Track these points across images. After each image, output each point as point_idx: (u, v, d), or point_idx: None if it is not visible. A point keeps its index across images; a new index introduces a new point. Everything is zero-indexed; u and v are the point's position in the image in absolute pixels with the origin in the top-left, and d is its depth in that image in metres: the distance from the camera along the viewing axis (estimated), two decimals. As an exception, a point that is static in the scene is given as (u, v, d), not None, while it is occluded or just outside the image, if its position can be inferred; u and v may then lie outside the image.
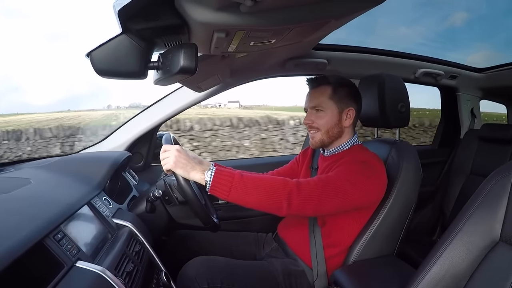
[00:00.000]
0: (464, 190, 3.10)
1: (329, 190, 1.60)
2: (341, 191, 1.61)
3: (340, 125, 1.86)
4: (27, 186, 1.48)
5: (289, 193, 1.55)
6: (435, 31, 53.30)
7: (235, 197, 1.56)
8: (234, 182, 1.54)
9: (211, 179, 1.54)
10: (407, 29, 66.18)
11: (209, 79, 2.02)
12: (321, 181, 1.62)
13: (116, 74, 1.06)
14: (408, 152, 1.89)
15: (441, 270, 1.25)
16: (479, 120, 3.63)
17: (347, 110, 1.85)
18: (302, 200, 1.57)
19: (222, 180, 1.54)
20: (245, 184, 1.55)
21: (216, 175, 1.54)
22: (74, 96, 77.38)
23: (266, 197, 1.56)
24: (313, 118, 1.86)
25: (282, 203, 1.55)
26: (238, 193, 1.55)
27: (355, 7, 1.15)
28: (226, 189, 1.54)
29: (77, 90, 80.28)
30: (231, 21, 1.04)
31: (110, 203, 1.75)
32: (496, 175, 1.26)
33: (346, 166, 1.69)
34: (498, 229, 1.21)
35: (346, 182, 1.62)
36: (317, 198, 1.58)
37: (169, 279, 1.67)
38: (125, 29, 1.00)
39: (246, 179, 1.57)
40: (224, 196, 1.56)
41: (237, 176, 1.56)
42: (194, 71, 1.01)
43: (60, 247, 1.15)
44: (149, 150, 2.66)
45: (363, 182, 1.65)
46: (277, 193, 1.56)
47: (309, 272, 1.84)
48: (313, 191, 1.58)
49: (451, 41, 61.87)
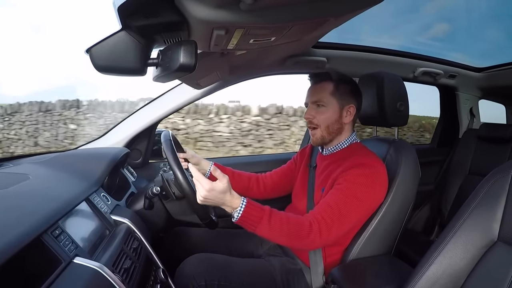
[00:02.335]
0: (462, 190, 3.10)
1: (343, 219, 1.64)
2: (352, 212, 1.65)
3: (340, 122, 1.85)
4: (25, 182, 1.48)
5: (313, 240, 1.59)
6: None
7: (259, 235, 1.61)
8: (260, 225, 1.57)
9: (238, 217, 1.57)
10: (390, 39, 64.04)
11: (208, 76, 2.02)
12: (335, 213, 1.64)
13: (115, 70, 1.06)
14: (406, 151, 1.88)
15: (439, 269, 1.25)
16: (478, 120, 3.64)
17: (348, 107, 1.85)
18: (323, 241, 1.63)
19: (249, 220, 1.57)
20: (271, 227, 1.57)
21: (244, 215, 1.57)
22: (53, 88, 72.37)
23: (291, 243, 1.64)
24: (313, 113, 1.86)
25: (306, 247, 1.69)
26: (263, 234, 1.59)
27: (354, 6, 1.15)
28: (250, 229, 1.60)
29: (56, 83, 74.42)
30: (231, 18, 1.03)
31: (108, 200, 1.76)
32: (495, 174, 1.27)
33: (351, 178, 1.68)
34: (496, 228, 1.22)
35: (356, 201, 1.65)
36: (335, 232, 1.64)
37: (166, 276, 1.67)
38: (125, 25, 1.00)
39: (274, 223, 1.58)
40: (250, 231, 1.62)
41: (264, 221, 1.57)
42: (194, 68, 1.01)
43: (58, 243, 1.15)
44: (148, 146, 2.65)
45: (368, 194, 1.68)
46: (301, 241, 1.60)
47: (307, 270, 1.85)
48: (331, 228, 1.62)
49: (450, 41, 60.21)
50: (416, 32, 4.61)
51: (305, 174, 2.10)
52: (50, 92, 26.93)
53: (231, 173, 2.26)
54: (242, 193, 2.16)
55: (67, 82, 27.38)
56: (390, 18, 5.77)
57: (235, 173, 2.28)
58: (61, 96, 13.88)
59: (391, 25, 5.65)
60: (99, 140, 2.50)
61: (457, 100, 3.53)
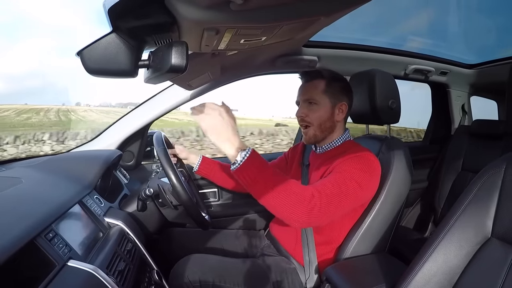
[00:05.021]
0: (455, 186, 3.13)
1: (342, 197, 1.54)
2: (351, 194, 1.57)
3: (332, 120, 1.85)
4: (18, 186, 1.48)
5: (312, 207, 1.43)
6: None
7: (256, 191, 1.43)
8: (262, 176, 1.40)
9: (242, 162, 1.38)
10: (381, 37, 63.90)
11: (199, 77, 2.02)
12: (336, 189, 1.53)
13: (106, 73, 1.06)
14: (399, 148, 1.89)
15: (433, 266, 1.26)
16: (470, 116, 3.65)
17: (340, 104, 1.85)
18: (322, 213, 1.47)
19: (253, 168, 1.39)
20: (274, 181, 1.41)
21: (248, 160, 1.38)
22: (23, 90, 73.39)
23: (288, 206, 1.42)
24: (305, 111, 1.85)
25: (303, 215, 1.43)
26: (261, 189, 1.41)
27: (344, 4, 1.16)
28: (250, 180, 1.40)
29: (29, 84, 75.76)
30: (221, 18, 1.03)
31: (102, 202, 1.76)
32: (487, 171, 1.27)
33: (349, 164, 1.66)
34: (489, 225, 1.22)
35: (355, 183, 1.59)
36: (333, 208, 1.51)
37: (161, 277, 1.67)
38: (115, 27, 1.00)
39: (276, 178, 1.42)
40: (245, 185, 1.43)
41: (268, 172, 1.41)
42: (185, 69, 1.01)
43: (52, 246, 1.15)
44: (140, 148, 2.65)
45: (366, 180, 1.65)
46: (300, 206, 1.42)
47: (301, 269, 1.85)
48: (331, 202, 1.50)
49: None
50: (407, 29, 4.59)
51: (298, 172, 2.10)
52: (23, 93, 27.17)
53: (219, 165, 2.27)
54: (230, 185, 2.15)
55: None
56: (380, 16, 5.70)
57: (223, 165, 2.30)
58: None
59: (382, 23, 5.62)
60: (92, 142, 2.49)
61: (449, 97, 3.55)
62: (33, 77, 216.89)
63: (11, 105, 21.56)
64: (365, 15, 3.29)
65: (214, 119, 1.38)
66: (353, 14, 1.30)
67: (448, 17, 3.81)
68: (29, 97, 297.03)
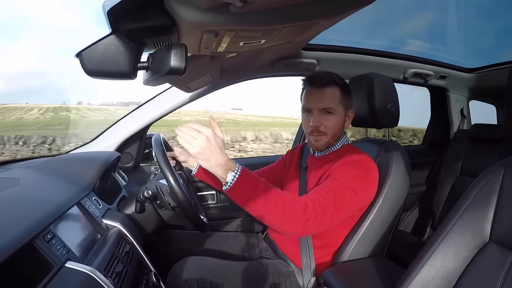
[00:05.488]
0: (454, 190, 3.13)
1: (338, 205, 1.55)
2: (347, 202, 1.58)
3: (343, 127, 1.85)
4: (17, 187, 1.47)
5: (307, 220, 1.46)
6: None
7: (249, 209, 1.46)
8: (255, 195, 1.42)
9: (232, 183, 1.40)
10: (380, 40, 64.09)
11: (198, 79, 2.02)
12: (331, 198, 1.55)
13: (105, 74, 1.06)
14: (397, 152, 1.88)
15: (431, 270, 1.25)
16: (469, 120, 3.66)
17: (350, 112, 1.85)
18: (317, 224, 1.50)
19: (244, 187, 1.42)
20: (266, 200, 1.43)
21: (238, 180, 1.40)
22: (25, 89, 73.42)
23: (283, 221, 1.45)
24: (322, 121, 1.79)
25: (298, 228, 1.46)
26: (254, 207, 1.44)
27: (343, 8, 1.15)
28: (243, 199, 1.43)
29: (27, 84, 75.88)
30: (221, 21, 1.04)
31: (100, 204, 1.75)
32: (486, 175, 1.27)
33: (345, 170, 1.65)
34: (487, 229, 1.22)
35: (351, 191, 1.59)
36: (329, 217, 1.54)
37: (158, 279, 1.67)
38: (115, 29, 1.00)
39: (269, 196, 1.44)
40: (238, 204, 1.46)
41: (259, 190, 1.43)
42: (184, 71, 1.01)
43: (50, 248, 1.15)
44: (139, 150, 2.65)
45: (362, 186, 1.64)
46: (295, 220, 1.45)
47: (299, 272, 1.85)
48: (326, 211, 1.52)
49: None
50: (406, 33, 4.64)
51: (296, 175, 2.09)
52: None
53: None
54: None
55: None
56: (380, 19, 5.73)
57: None
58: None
59: (381, 26, 5.68)
60: (90, 144, 2.49)
61: (448, 101, 3.55)
62: (33, 77, 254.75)
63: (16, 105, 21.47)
64: (365, 18, 3.30)
65: (201, 144, 1.36)
66: (352, 17, 1.30)
67: (447, 21, 3.82)
68: (30, 96, 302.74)
